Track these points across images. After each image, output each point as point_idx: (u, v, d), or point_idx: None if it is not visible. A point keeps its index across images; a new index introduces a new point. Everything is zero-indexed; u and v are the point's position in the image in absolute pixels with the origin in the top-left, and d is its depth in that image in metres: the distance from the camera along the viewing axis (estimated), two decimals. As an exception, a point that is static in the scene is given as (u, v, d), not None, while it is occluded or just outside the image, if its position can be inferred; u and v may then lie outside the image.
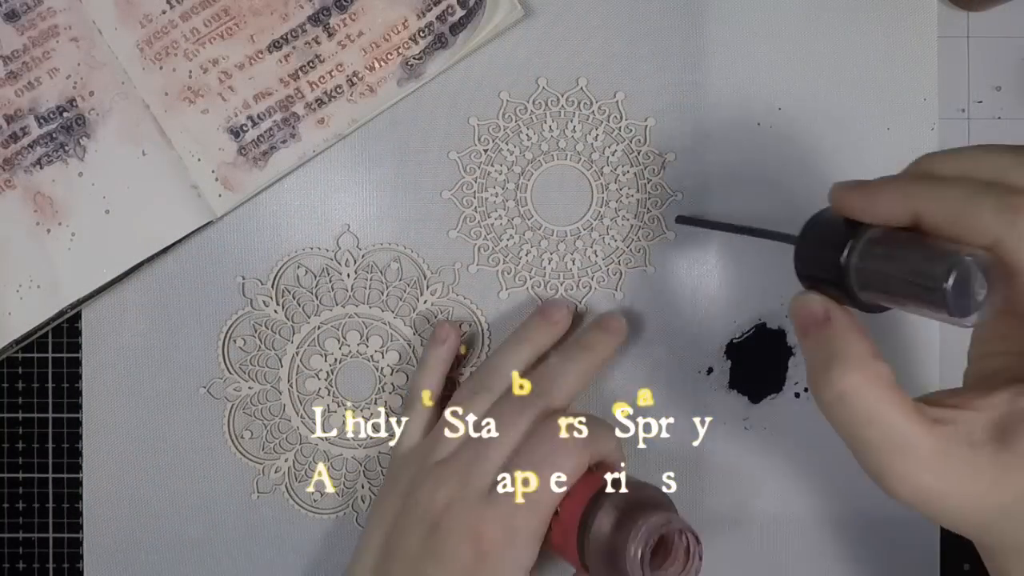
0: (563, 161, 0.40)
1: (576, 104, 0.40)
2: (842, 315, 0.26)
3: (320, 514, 0.40)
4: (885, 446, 0.24)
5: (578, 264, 0.40)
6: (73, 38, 0.39)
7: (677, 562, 0.32)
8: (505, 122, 0.40)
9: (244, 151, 0.39)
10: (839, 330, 0.26)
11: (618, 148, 0.40)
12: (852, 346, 0.25)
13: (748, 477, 0.40)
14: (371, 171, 0.40)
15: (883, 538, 0.40)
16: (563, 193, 0.40)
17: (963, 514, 0.25)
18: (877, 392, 0.24)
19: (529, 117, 0.40)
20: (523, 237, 0.40)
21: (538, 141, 0.40)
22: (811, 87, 0.40)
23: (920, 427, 0.24)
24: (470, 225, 0.40)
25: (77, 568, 0.40)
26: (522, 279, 0.40)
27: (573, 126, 0.40)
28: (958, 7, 0.41)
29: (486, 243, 0.40)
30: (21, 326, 0.39)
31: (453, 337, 0.39)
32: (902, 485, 0.25)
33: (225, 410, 0.40)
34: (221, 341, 0.40)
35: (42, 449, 0.40)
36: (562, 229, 0.40)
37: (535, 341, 0.38)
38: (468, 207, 0.40)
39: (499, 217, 0.40)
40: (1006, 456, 0.24)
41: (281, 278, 0.40)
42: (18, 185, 0.39)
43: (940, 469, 0.24)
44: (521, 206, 0.40)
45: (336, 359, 0.40)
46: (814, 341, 0.26)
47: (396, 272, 0.40)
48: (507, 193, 0.40)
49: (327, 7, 0.39)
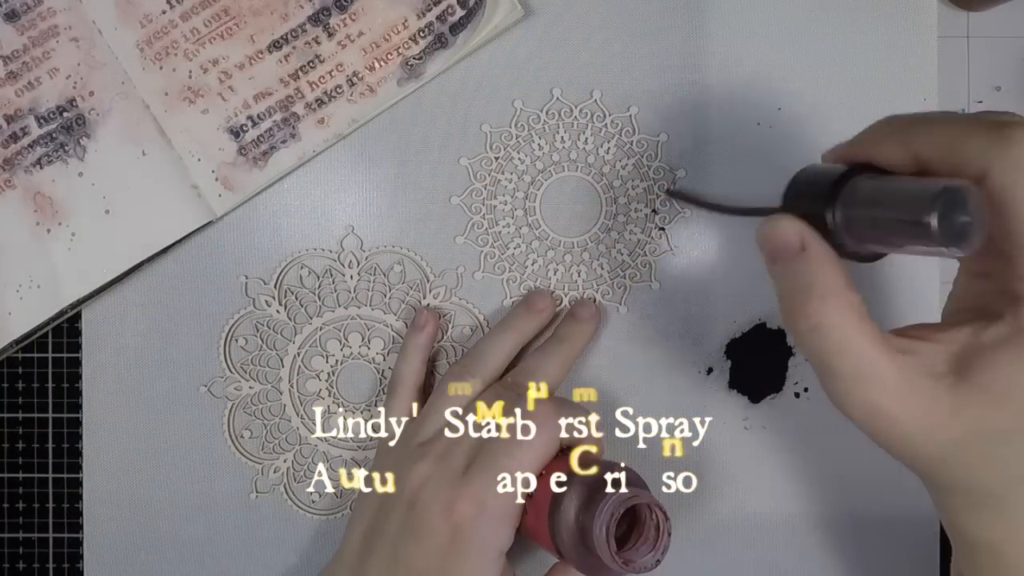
0: (574, 172, 0.40)
1: (590, 116, 0.40)
2: (817, 244, 0.26)
3: (318, 515, 0.40)
4: (851, 374, 0.25)
5: (583, 276, 0.40)
6: (73, 38, 0.39)
7: (648, 540, 0.32)
8: (518, 130, 0.40)
9: (244, 151, 0.39)
10: (815, 260, 0.26)
11: (629, 162, 0.40)
12: (828, 276, 0.25)
13: (747, 477, 0.40)
14: (372, 172, 0.40)
15: (883, 538, 0.40)
16: (572, 205, 0.40)
17: (916, 444, 0.25)
18: (849, 323, 0.25)
19: (542, 127, 0.40)
20: (530, 247, 0.40)
21: (549, 151, 0.40)
22: (811, 87, 0.40)
23: (885, 356, 0.25)
24: (477, 232, 0.40)
25: (77, 568, 0.40)
26: (527, 288, 0.40)
27: (586, 138, 0.40)
28: (958, 7, 0.41)
29: (492, 251, 0.40)
30: (21, 326, 0.39)
31: (432, 324, 0.39)
32: (862, 410, 0.25)
33: (225, 409, 0.40)
34: (223, 340, 0.40)
35: (42, 449, 0.40)
36: (569, 240, 0.40)
37: (520, 329, 0.38)
38: (476, 214, 0.40)
39: (507, 225, 0.40)
40: (963, 388, 0.25)
41: (284, 278, 0.40)
42: (18, 185, 0.39)
43: (900, 397, 0.25)
44: (530, 215, 0.40)
45: (337, 360, 0.40)
46: (787, 269, 0.26)
47: (399, 275, 0.40)
48: (516, 202, 0.40)
49: (327, 7, 0.39)
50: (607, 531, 0.30)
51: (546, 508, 0.33)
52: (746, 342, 0.40)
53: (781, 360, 0.40)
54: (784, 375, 0.40)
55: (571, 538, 0.32)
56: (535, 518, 0.33)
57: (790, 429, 0.40)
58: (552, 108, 0.40)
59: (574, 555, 0.32)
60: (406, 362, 0.39)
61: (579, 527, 0.31)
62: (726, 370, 0.40)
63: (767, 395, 0.40)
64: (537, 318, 0.39)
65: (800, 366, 0.40)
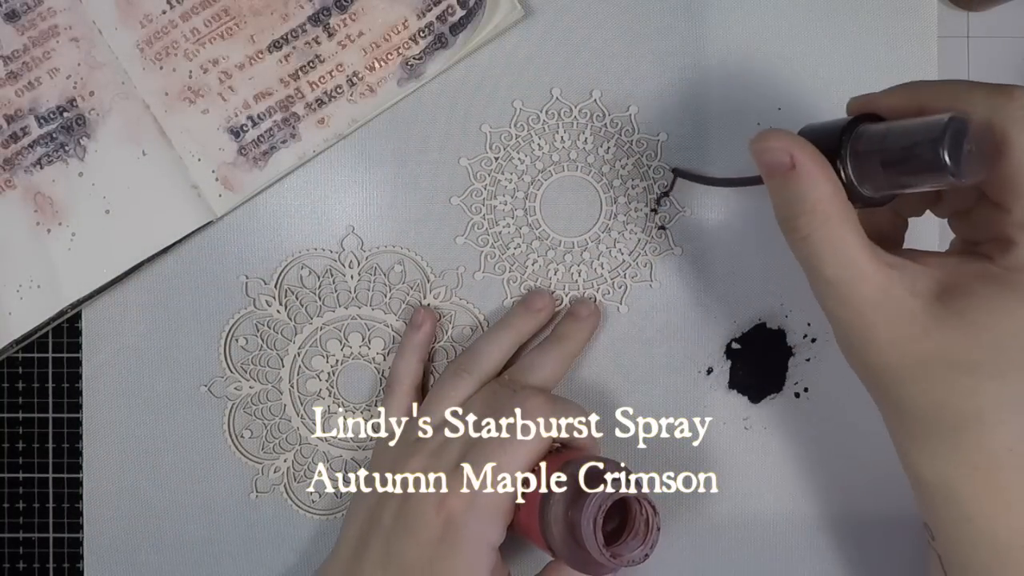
0: (574, 172, 0.40)
1: (589, 116, 0.40)
2: (806, 159, 0.27)
3: (318, 515, 0.40)
4: (838, 276, 0.27)
5: (584, 276, 0.40)
6: (73, 38, 0.39)
7: (638, 535, 0.32)
8: (517, 130, 0.40)
9: (244, 151, 0.39)
10: (805, 175, 0.27)
11: (629, 162, 0.40)
12: (819, 188, 0.27)
13: (747, 477, 0.40)
14: (373, 172, 0.40)
15: (883, 538, 0.40)
16: (572, 204, 0.40)
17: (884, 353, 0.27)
18: (838, 233, 0.26)
19: (542, 127, 0.40)
20: (530, 247, 0.40)
21: (549, 151, 0.40)
22: (811, 87, 0.40)
23: (871, 266, 0.26)
24: (478, 232, 0.40)
25: (77, 568, 0.40)
26: (527, 288, 0.40)
27: (585, 138, 0.40)
28: (958, 7, 0.41)
29: (493, 251, 0.40)
30: (21, 326, 0.39)
31: (429, 323, 0.39)
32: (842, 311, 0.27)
33: (225, 409, 0.40)
34: (223, 340, 0.40)
35: (42, 449, 0.40)
36: (569, 240, 0.40)
37: (518, 328, 0.39)
38: (477, 214, 0.40)
39: (507, 225, 0.40)
40: (940, 311, 0.26)
41: (284, 278, 0.40)
42: (18, 185, 0.39)
43: (879, 304, 0.26)
44: (530, 215, 0.40)
45: (338, 360, 0.40)
46: (781, 183, 0.27)
47: (399, 275, 0.40)
48: (516, 202, 0.40)
49: (327, 7, 0.39)
50: (594, 525, 0.30)
51: (537, 505, 0.33)
52: (746, 342, 0.40)
53: (781, 360, 0.40)
54: (784, 375, 0.40)
55: (560, 534, 0.32)
56: (527, 515, 0.33)
57: (790, 429, 0.40)
58: (552, 108, 0.40)
59: (564, 551, 0.32)
60: (403, 361, 0.39)
61: (568, 523, 0.32)
62: (726, 370, 0.40)
63: (767, 395, 0.40)
64: (535, 317, 0.39)
65: (800, 366, 0.40)
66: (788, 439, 0.40)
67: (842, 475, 0.40)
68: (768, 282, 0.40)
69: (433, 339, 0.40)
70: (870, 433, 0.40)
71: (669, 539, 0.40)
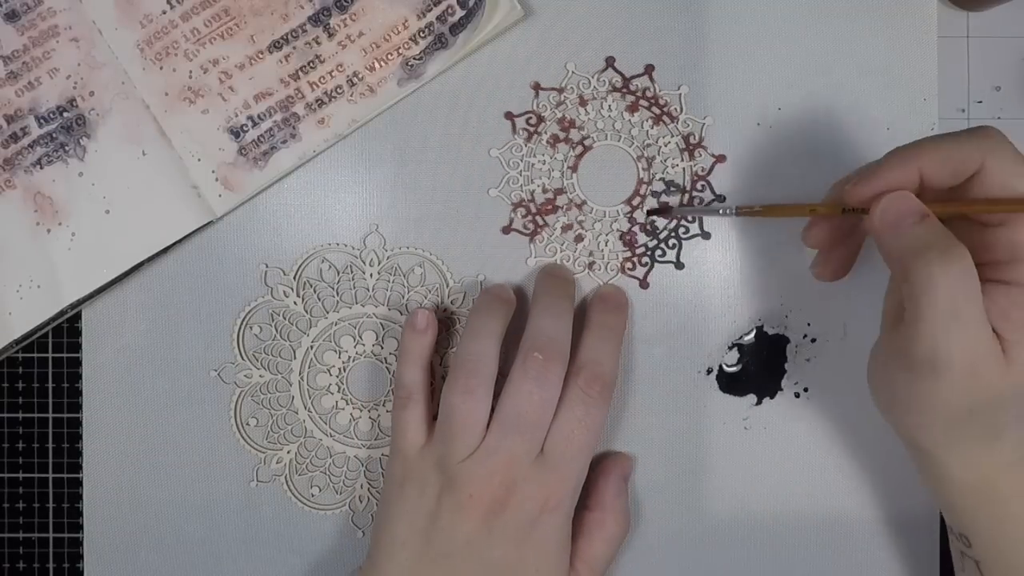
0: (615, 143, 0.40)
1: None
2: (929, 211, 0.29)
3: (317, 510, 0.40)
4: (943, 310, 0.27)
5: (611, 246, 0.40)
6: (73, 38, 0.39)
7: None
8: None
9: (244, 151, 0.39)
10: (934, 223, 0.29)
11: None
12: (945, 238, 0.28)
13: (748, 477, 0.40)
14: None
15: (883, 538, 0.41)
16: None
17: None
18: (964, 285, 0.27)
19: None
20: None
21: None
22: (811, 87, 0.40)
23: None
24: (523, 220, 0.40)
25: (77, 568, 0.40)
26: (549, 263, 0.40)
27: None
28: (958, 7, 0.41)
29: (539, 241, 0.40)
30: (21, 326, 0.39)
31: (433, 328, 0.37)
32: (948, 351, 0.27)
33: (233, 396, 0.40)
34: (238, 326, 0.40)
35: (42, 449, 0.40)
36: (609, 209, 0.40)
37: (498, 322, 0.37)
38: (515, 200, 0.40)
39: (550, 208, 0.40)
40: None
41: (304, 270, 0.40)
42: (18, 185, 0.39)
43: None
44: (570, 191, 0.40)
45: (350, 357, 0.40)
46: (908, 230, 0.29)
47: (419, 277, 0.40)
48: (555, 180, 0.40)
49: (327, 7, 0.39)
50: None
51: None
52: (746, 342, 0.40)
53: (781, 360, 0.40)
54: (784, 375, 0.40)
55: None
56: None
57: (790, 429, 0.40)
58: (569, 81, 0.40)
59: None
60: (409, 369, 0.37)
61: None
62: (726, 370, 0.40)
63: (767, 395, 0.40)
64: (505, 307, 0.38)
65: (800, 366, 0.40)
66: (788, 439, 0.40)
67: (842, 475, 0.40)
68: (768, 283, 0.40)
69: (436, 340, 0.38)
70: (870, 433, 0.40)
71: (669, 539, 0.40)
